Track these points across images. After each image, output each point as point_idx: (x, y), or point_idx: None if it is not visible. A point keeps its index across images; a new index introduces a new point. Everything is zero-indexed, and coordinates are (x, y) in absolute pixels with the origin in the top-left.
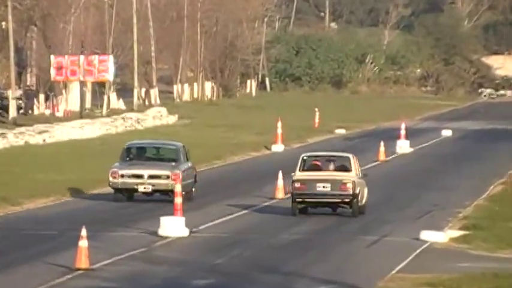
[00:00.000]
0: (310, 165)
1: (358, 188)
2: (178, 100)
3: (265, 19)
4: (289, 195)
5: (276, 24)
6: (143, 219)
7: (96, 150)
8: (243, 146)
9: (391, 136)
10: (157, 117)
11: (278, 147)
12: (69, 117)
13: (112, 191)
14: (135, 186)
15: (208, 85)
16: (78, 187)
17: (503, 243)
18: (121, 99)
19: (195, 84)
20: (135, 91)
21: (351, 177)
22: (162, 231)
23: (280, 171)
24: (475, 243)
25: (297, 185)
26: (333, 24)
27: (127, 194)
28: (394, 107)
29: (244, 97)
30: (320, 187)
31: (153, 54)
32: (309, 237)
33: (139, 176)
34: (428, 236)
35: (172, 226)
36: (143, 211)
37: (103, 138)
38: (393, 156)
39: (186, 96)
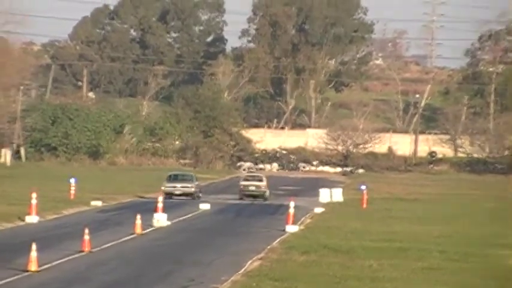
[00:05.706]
0: (246, 179)
1: (266, 189)
2: None
3: (21, 87)
4: (44, 267)
5: (32, 92)
6: None
7: None
8: None
9: (148, 209)
10: None
11: (32, 218)
12: None
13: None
14: (174, 191)
15: None
16: None
17: None
18: None
19: None
20: None
21: (264, 184)
22: None
23: (34, 243)
24: None
25: (242, 186)
26: (90, 94)
27: (170, 195)
28: (152, 179)
29: None
30: (250, 188)
31: None
32: None
33: (175, 187)
34: None
35: None
36: None
37: None
38: (150, 229)
39: None
